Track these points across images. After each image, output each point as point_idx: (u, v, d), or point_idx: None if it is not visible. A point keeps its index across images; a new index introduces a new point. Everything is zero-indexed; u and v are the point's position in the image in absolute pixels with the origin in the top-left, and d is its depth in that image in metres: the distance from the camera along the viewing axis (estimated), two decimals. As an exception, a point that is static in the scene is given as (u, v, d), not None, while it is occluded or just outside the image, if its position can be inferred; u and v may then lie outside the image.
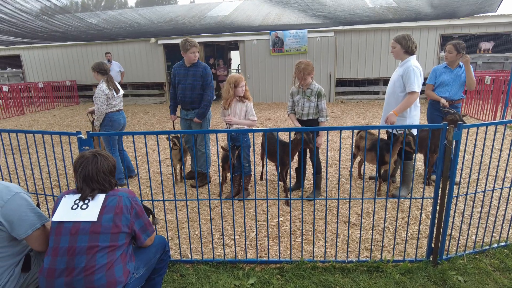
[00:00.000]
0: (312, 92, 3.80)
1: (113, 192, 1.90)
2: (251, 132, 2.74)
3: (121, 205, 1.85)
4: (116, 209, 1.83)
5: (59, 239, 1.75)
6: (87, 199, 1.84)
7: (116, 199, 1.86)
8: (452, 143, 2.39)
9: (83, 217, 1.78)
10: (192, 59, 4.20)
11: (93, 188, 1.87)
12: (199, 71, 4.22)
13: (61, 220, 1.78)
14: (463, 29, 11.09)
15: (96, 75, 4.39)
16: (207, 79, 4.24)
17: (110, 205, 1.84)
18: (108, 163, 1.94)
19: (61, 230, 1.77)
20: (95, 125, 4.46)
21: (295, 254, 2.91)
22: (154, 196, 4.30)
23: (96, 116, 4.37)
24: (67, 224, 1.77)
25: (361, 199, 2.67)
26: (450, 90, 4.21)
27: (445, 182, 2.49)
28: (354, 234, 3.20)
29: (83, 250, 1.72)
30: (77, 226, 1.77)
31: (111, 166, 1.95)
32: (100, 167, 1.89)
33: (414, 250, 2.92)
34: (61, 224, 1.78)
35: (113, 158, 2.02)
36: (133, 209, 1.89)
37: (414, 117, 3.81)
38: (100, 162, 1.90)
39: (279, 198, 2.74)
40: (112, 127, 4.44)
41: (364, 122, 8.29)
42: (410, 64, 3.62)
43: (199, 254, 2.96)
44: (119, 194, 1.89)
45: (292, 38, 11.84)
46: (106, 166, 1.92)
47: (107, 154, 1.97)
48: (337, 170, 4.94)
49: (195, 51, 4.18)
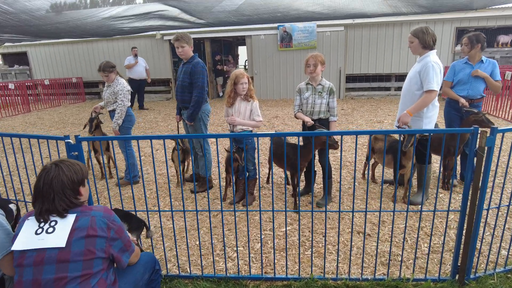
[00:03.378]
0: (324, 88, 3.52)
1: (85, 211, 1.64)
2: (256, 136, 2.48)
3: (94, 227, 1.58)
4: (88, 231, 1.57)
5: (22, 271, 1.51)
6: (53, 221, 1.58)
7: (88, 220, 1.60)
8: (484, 149, 2.09)
9: (48, 243, 1.52)
10: (179, 54, 3.94)
11: (49, 207, 1.59)
12: (188, 68, 3.93)
13: (23, 248, 1.53)
14: (480, 22, 10.59)
15: (113, 74, 4.30)
16: (195, 77, 3.88)
17: (81, 227, 1.57)
18: (71, 174, 1.65)
19: (23, 260, 1.52)
20: (117, 123, 4.27)
21: (303, 269, 2.65)
22: (154, 200, 4.08)
23: (119, 113, 4.23)
24: (30, 253, 1.52)
25: (378, 211, 2.39)
26: (470, 88, 3.87)
27: (475, 194, 2.19)
28: (369, 247, 2.92)
29: (49, 283, 1.48)
30: (42, 255, 1.51)
31: (74, 178, 1.66)
32: (60, 179, 1.62)
33: (436, 266, 2.64)
34: (23, 253, 1.53)
35: (81, 168, 1.71)
36: (110, 230, 1.63)
37: (431, 118, 3.49)
38: (61, 173, 1.63)
39: (287, 210, 2.47)
40: (130, 122, 4.43)
41: (376, 120, 7.95)
42: (429, 60, 3.30)
43: (199, 268, 2.72)
44: (92, 213, 1.63)
45: (301, 33, 11.48)
46: (68, 178, 1.63)
47: (73, 164, 1.70)
48: (348, 173, 4.65)
49: (178, 45, 3.88)
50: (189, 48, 3.93)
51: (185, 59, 4.00)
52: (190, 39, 3.94)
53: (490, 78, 3.76)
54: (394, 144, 3.77)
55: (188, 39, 3.91)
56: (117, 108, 4.23)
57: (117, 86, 4.25)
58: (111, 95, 4.28)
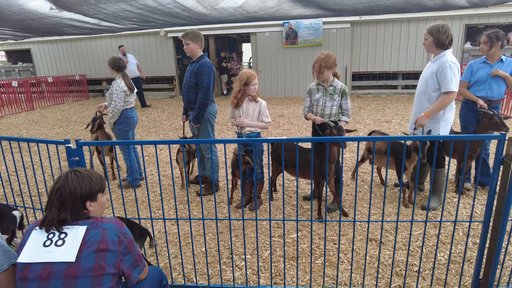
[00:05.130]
0: (336, 90, 3.36)
1: (96, 223, 1.54)
2: (266, 142, 2.35)
3: (106, 240, 1.49)
4: (99, 245, 1.47)
5: (26, 286, 1.40)
6: (63, 233, 1.49)
7: (99, 233, 1.50)
8: (511, 158, 1.95)
9: (57, 257, 1.43)
10: (185, 51, 3.82)
11: (56, 216, 1.51)
12: (195, 67, 3.77)
13: (29, 261, 1.43)
14: (490, 19, 10.36)
15: (111, 70, 4.26)
16: (201, 78, 3.73)
17: (91, 240, 1.48)
18: (75, 187, 1.55)
19: (28, 274, 1.42)
20: (109, 122, 4.22)
21: (315, 280, 2.53)
22: (158, 203, 3.97)
23: (111, 113, 4.15)
24: (37, 266, 1.42)
25: (395, 222, 2.26)
26: (489, 88, 3.71)
27: (500, 205, 2.05)
28: (382, 256, 2.79)
29: None
30: (49, 269, 1.41)
31: (77, 192, 1.56)
32: (68, 189, 1.53)
33: (454, 277, 2.50)
34: (28, 266, 1.43)
35: (90, 182, 1.61)
36: (121, 243, 1.53)
37: (448, 120, 3.35)
38: (68, 183, 1.54)
39: (298, 219, 2.35)
40: (127, 124, 4.28)
41: (384, 120, 7.79)
42: (446, 60, 3.15)
43: (205, 277, 2.60)
44: (103, 226, 1.53)
45: (306, 30, 11.30)
46: (71, 190, 1.54)
47: (83, 176, 1.59)
48: (359, 177, 4.51)
49: (184, 42, 3.76)
50: (195, 46, 3.77)
51: (192, 57, 3.87)
52: (197, 36, 3.76)
53: (510, 78, 3.60)
54: (396, 146, 3.62)
55: (194, 36, 3.74)
56: (109, 107, 4.16)
57: (113, 86, 4.16)
58: (109, 95, 4.22)
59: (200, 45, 3.80)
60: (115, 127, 4.25)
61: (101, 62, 13.40)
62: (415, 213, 3.47)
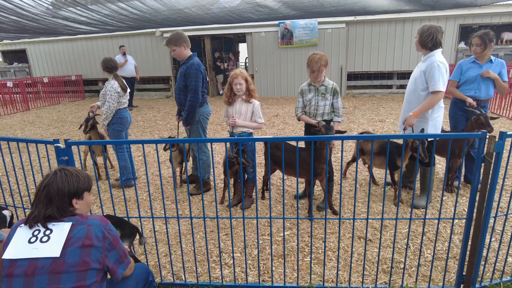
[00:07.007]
0: (327, 89, 3.40)
1: (82, 220, 1.57)
2: (254, 141, 2.38)
3: (91, 236, 1.52)
4: (84, 241, 1.50)
5: (12, 281, 1.42)
6: (49, 229, 1.51)
7: (84, 229, 1.53)
8: (492, 155, 1.99)
9: (42, 252, 1.45)
10: (175, 57, 3.88)
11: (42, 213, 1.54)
12: (183, 69, 3.79)
13: (14, 257, 1.45)
14: (484, 19, 10.44)
15: (103, 72, 4.30)
16: (189, 80, 3.71)
17: (76, 236, 1.50)
18: (63, 185, 1.58)
19: (13, 270, 1.44)
20: (103, 124, 4.25)
21: (302, 277, 2.56)
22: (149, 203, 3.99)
23: (105, 114, 4.16)
24: (22, 262, 1.44)
25: (380, 219, 2.29)
26: (477, 88, 3.74)
27: (482, 202, 2.09)
28: (370, 253, 2.83)
29: None
30: (34, 265, 1.44)
31: (65, 190, 1.59)
32: (55, 187, 1.56)
33: (439, 273, 2.54)
34: (14, 262, 1.45)
35: (78, 181, 1.64)
36: (106, 239, 1.56)
37: (437, 119, 3.38)
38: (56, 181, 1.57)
39: (285, 217, 2.38)
40: (121, 124, 4.30)
41: (378, 119, 7.84)
42: (434, 60, 3.18)
43: (194, 275, 2.63)
44: (88, 222, 1.56)
45: (302, 30, 11.34)
46: (59, 188, 1.57)
47: (71, 174, 1.62)
48: (349, 174, 4.54)
49: (169, 49, 3.81)
50: (181, 50, 3.76)
51: (182, 60, 3.88)
52: (179, 39, 3.72)
53: (500, 80, 3.65)
54: (385, 145, 3.65)
55: (176, 40, 3.71)
56: (103, 108, 4.18)
57: (107, 87, 4.18)
58: (103, 96, 4.24)
59: (185, 46, 3.78)
60: (108, 127, 4.27)
61: (97, 62, 13.38)
62: (404, 211, 3.51)
